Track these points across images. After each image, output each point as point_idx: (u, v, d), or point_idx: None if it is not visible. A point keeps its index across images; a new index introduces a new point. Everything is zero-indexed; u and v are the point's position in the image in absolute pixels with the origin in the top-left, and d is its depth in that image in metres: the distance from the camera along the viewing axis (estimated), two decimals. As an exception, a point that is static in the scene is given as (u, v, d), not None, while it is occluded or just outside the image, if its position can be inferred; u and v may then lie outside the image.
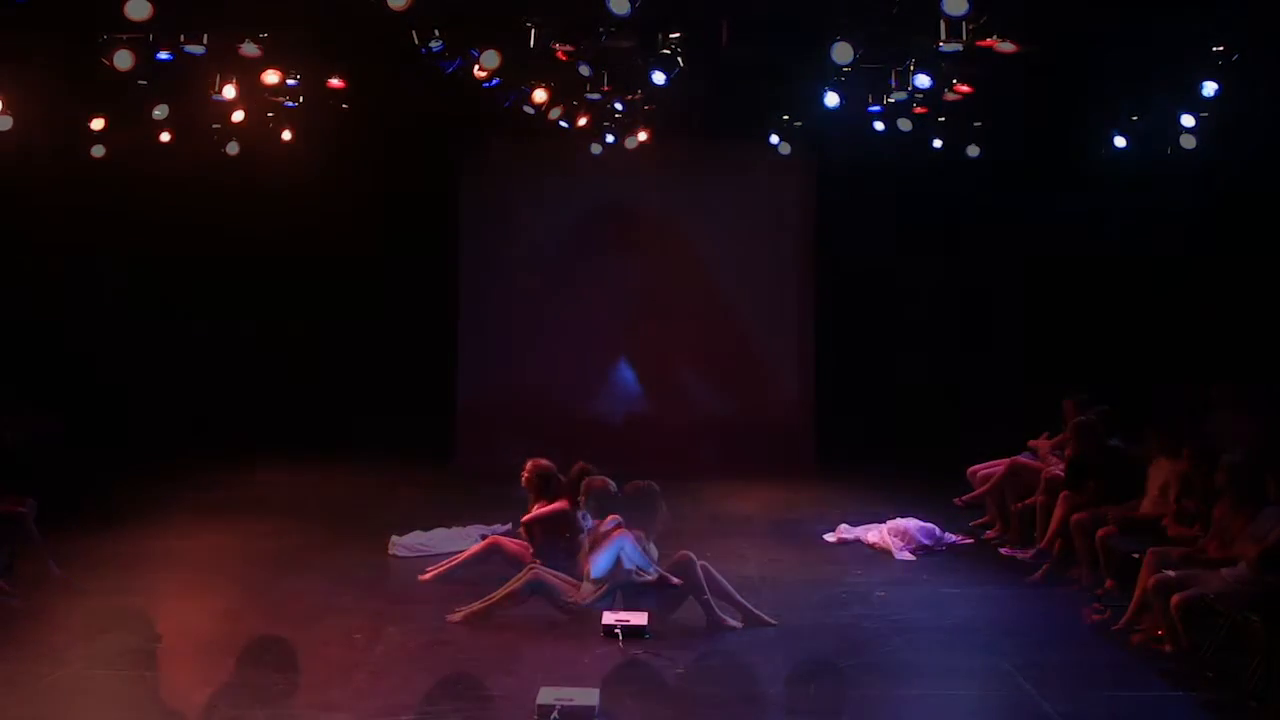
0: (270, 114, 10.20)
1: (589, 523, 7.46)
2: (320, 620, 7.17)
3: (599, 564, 7.20)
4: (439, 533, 9.29)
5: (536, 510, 8.14)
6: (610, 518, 7.32)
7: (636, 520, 7.29)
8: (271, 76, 8.89)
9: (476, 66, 8.37)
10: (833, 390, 12.86)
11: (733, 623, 7.18)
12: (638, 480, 7.47)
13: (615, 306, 13.24)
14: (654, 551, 7.32)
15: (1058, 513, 8.68)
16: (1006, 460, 9.86)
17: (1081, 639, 7.14)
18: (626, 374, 13.28)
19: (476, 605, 7.23)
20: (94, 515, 9.58)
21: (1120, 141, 10.32)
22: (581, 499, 7.57)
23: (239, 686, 5.90)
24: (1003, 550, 9.32)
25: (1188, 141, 9.50)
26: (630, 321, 13.24)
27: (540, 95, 9.43)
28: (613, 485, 7.50)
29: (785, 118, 11.26)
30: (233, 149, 10.77)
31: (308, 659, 6.41)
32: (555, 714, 5.42)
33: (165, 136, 10.42)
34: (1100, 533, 8.00)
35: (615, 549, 7.19)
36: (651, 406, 13.21)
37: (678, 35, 8.34)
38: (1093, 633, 7.25)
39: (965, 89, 8.97)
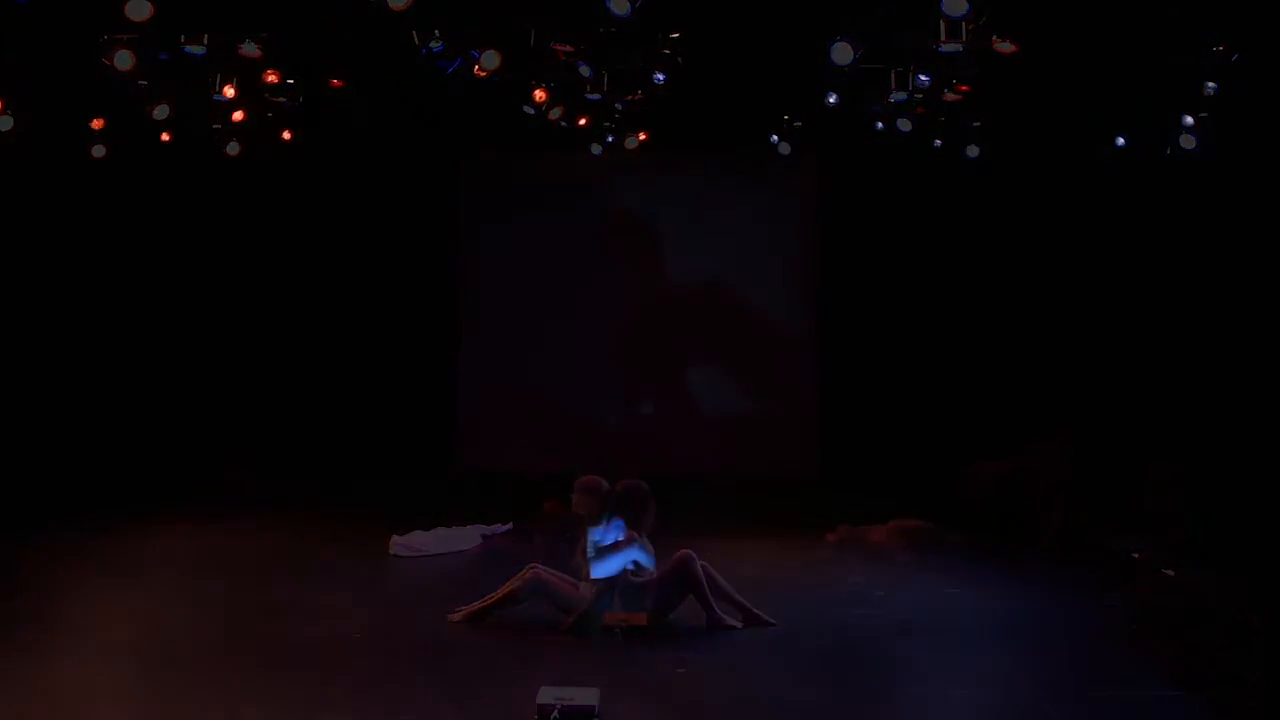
0: (270, 114, 10.18)
1: (602, 534, 7.37)
2: (319, 621, 7.17)
3: (605, 567, 7.18)
4: (439, 532, 9.29)
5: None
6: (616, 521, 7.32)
7: (630, 519, 7.27)
8: (271, 76, 8.88)
9: (476, 67, 8.37)
10: (835, 390, 12.85)
11: (732, 622, 7.17)
12: (628, 479, 7.47)
13: (616, 308, 13.25)
14: (650, 549, 7.31)
15: (1058, 512, 8.69)
16: (1009, 460, 9.87)
17: (1083, 639, 7.13)
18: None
19: (476, 605, 7.22)
20: (95, 515, 9.58)
21: (1120, 141, 10.32)
22: (576, 497, 7.54)
23: (239, 686, 5.89)
24: (1004, 550, 9.30)
25: (1187, 142, 9.49)
26: (631, 322, 13.25)
27: (539, 95, 9.42)
28: (605, 483, 7.49)
29: (786, 118, 11.25)
30: (233, 149, 10.76)
31: (307, 659, 6.41)
32: (555, 714, 5.40)
33: (165, 136, 10.41)
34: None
35: (626, 557, 7.18)
36: (652, 407, 13.22)
37: (677, 35, 8.35)
38: (1094, 633, 7.25)
39: (965, 89, 8.97)
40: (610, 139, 11.43)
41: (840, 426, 12.62)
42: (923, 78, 8.59)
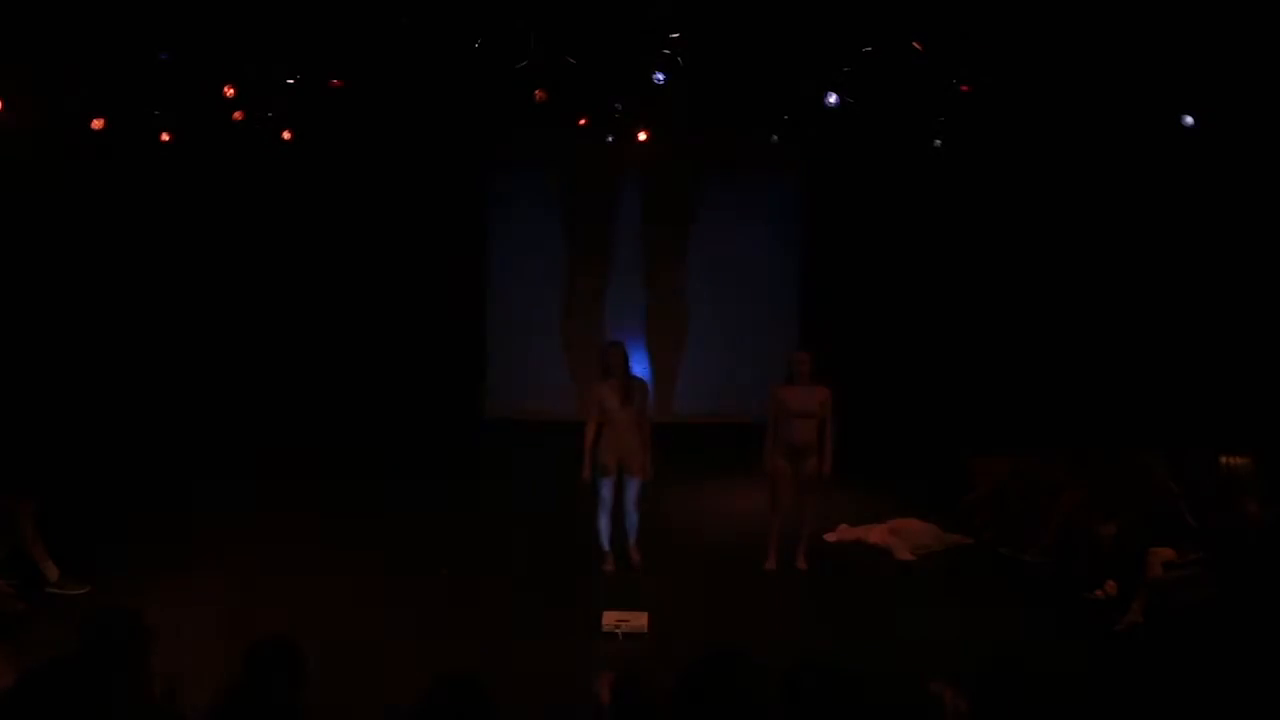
0: (271, 114, 10.13)
1: None
2: (332, 622, 7.15)
3: None
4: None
5: None
6: None
7: None
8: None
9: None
10: (836, 390, 12.82)
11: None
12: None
13: (619, 309, 13.45)
14: None
15: (1060, 512, 8.67)
16: (1008, 458, 9.86)
17: (1083, 640, 7.15)
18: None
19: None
20: (107, 517, 9.43)
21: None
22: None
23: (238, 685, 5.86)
24: (1002, 550, 9.25)
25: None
26: (634, 322, 13.40)
27: (539, 95, 9.39)
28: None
29: (785, 117, 11.23)
30: (238, 150, 10.73)
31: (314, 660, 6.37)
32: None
33: (165, 136, 10.37)
34: (1102, 531, 8.03)
35: None
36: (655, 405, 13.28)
37: (677, 35, 8.33)
38: (1095, 633, 7.26)
39: (965, 89, 8.96)
40: (610, 139, 11.48)
41: (839, 424, 12.59)
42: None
